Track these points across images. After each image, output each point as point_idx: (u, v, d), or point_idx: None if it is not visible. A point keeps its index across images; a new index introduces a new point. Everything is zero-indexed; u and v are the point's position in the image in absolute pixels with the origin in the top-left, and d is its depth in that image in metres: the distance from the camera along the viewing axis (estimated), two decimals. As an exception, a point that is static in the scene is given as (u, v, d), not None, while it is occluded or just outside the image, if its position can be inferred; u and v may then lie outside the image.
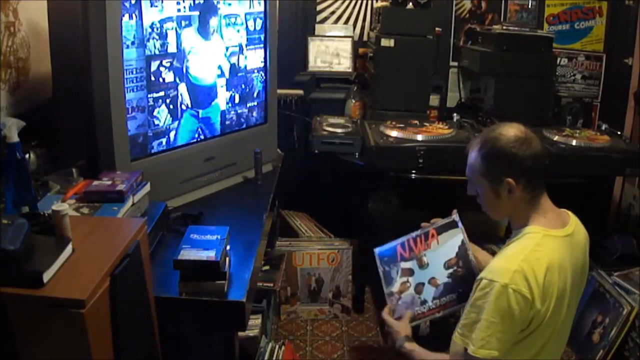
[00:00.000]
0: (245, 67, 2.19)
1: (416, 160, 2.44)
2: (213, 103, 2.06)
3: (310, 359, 2.56)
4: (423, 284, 1.76)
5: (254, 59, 2.22)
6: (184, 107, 1.93)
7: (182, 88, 1.90)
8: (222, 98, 2.10)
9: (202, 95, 2.00)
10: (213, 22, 1.97)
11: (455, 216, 1.80)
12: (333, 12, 3.26)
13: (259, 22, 2.20)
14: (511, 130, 1.47)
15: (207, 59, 1.98)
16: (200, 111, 2.01)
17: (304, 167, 3.18)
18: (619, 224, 3.09)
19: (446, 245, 1.78)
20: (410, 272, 1.79)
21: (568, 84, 3.33)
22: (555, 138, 2.60)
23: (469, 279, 1.69)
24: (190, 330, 1.43)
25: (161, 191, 1.79)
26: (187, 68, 1.90)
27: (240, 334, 1.71)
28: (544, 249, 1.41)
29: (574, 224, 1.52)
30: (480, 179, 1.51)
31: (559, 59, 3.24)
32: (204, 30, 1.94)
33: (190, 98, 1.94)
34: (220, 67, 2.06)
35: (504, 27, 2.92)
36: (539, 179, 1.49)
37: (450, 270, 1.74)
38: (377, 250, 1.86)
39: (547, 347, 1.45)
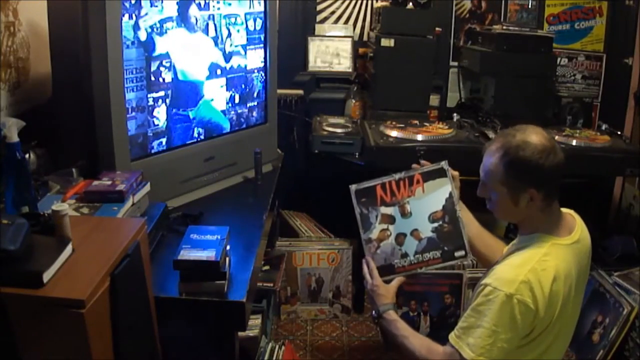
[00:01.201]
0: (245, 67, 2.19)
1: (416, 160, 2.43)
2: (200, 102, 2.02)
3: (310, 359, 2.56)
4: (405, 235, 1.65)
5: (254, 59, 2.22)
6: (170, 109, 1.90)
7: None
8: (222, 98, 2.10)
9: (188, 93, 1.96)
10: (198, 18, 1.94)
11: (444, 164, 1.67)
12: (333, 12, 3.26)
13: (259, 22, 2.20)
14: (536, 138, 1.41)
15: (194, 57, 1.96)
16: (190, 112, 1.98)
17: (304, 167, 3.18)
18: (619, 224, 3.09)
19: (432, 196, 1.66)
20: (390, 220, 1.66)
21: (568, 84, 3.33)
22: (556, 138, 2.59)
23: (456, 235, 1.63)
24: (190, 330, 1.43)
25: (161, 191, 1.79)
26: (173, 66, 1.88)
27: (240, 334, 1.70)
28: (551, 258, 1.39)
29: (580, 229, 1.50)
30: (498, 186, 1.45)
31: (559, 59, 3.24)
32: (190, 28, 1.92)
33: (174, 98, 1.90)
34: (211, 67, 2.04)
35: (504, 27, 2.92)
36: (558, 187, 1.45)
37: (436, 225, 1.64)
38: (353, 187, 1.70)
39: (551, 347, 1.45)
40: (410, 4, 2.84)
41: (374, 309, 1.63)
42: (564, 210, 1.53)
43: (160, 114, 1.85)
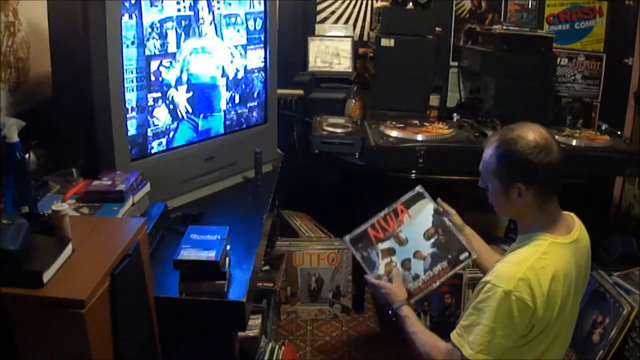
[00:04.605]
0: (245, 67, 2.19)
1: (416, 160, 2.44)
2: (215, 114, 2.05)
3: (310, 359, 2.56)
4: (409, 259, 1.76)
5: (254, 59, 2.22)
6: (180, 116, 1.91)
7: (179, 94, 1.89)
8: (222, 98, 2.10)
9: (203, 100, 1.99)
10: (207, 21, 1.96)
11: (419, 188, 1.82)
12: (333, 12, 3.26)
13: (259, 22, 2.20)
14: (531, 135, 1.43)
15: (206, 61, 1.97)
16: (200, 122, 1.99)
17: (304, 167, 3.18)
18: (619, 224, 3.09)
19: (419, 218, 1.79)
20: (391, 252, 1.79)
21: (568, 84, 3.33)
22: (555, 138, 2.58)
23: (454, 242, 1.75)
24: (190, 330, 1.43)
25: (161, 191, 1.79)
26: (188, 70, 1.89)
27: (240, 334, 1.70)
28: (550, 257, 1.40)
29: (579, 229, 1.51)
30: (492, 178, 1.49)
31: (559, 59, 3.24)
32: (199, 31, 1.93)
33: (189, 103, 1.92)
34: (220, 70, 2.05)
35: (504, 27, 2.92)
36: (552, 187, 1.46)
37: (432, 240, 1.76)
38: (347, 237, 1.85)
39: (551, 347, 1.46)
40: (410, 4, 2.84)
41: (388, 308, 1.69)
42: (564, 212, 1.53)
43: (161, 114, 1.85)
